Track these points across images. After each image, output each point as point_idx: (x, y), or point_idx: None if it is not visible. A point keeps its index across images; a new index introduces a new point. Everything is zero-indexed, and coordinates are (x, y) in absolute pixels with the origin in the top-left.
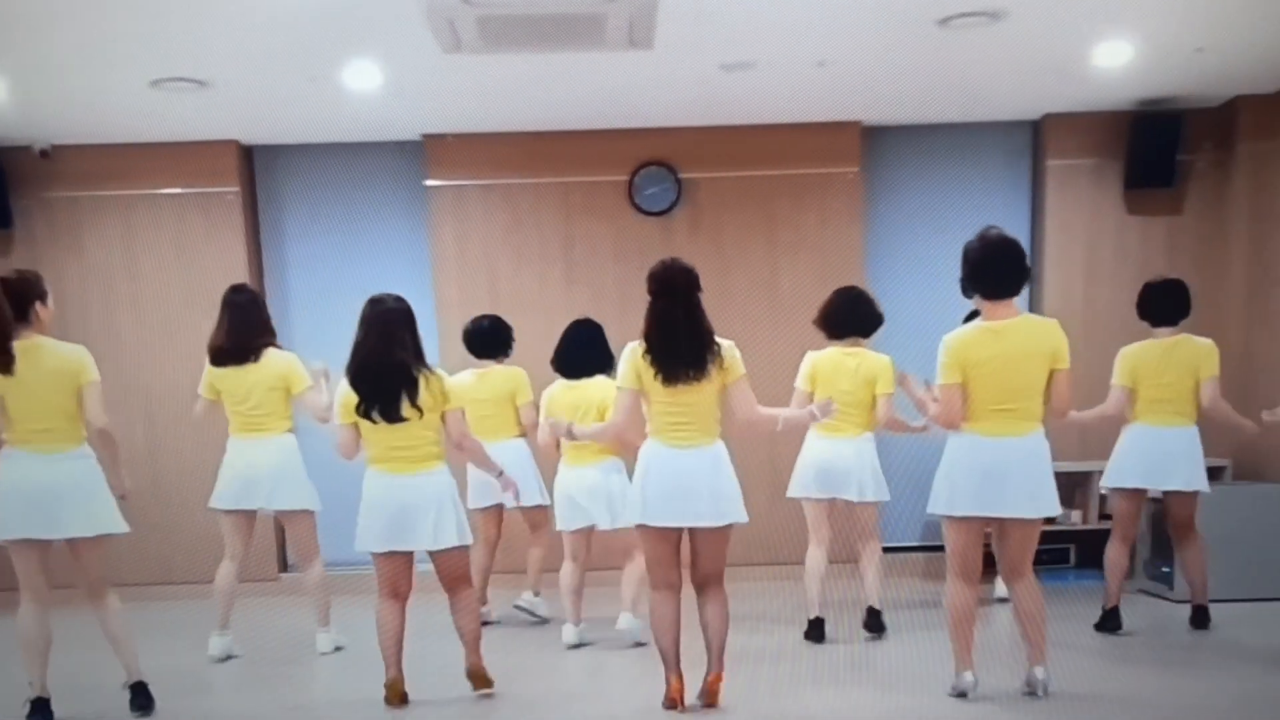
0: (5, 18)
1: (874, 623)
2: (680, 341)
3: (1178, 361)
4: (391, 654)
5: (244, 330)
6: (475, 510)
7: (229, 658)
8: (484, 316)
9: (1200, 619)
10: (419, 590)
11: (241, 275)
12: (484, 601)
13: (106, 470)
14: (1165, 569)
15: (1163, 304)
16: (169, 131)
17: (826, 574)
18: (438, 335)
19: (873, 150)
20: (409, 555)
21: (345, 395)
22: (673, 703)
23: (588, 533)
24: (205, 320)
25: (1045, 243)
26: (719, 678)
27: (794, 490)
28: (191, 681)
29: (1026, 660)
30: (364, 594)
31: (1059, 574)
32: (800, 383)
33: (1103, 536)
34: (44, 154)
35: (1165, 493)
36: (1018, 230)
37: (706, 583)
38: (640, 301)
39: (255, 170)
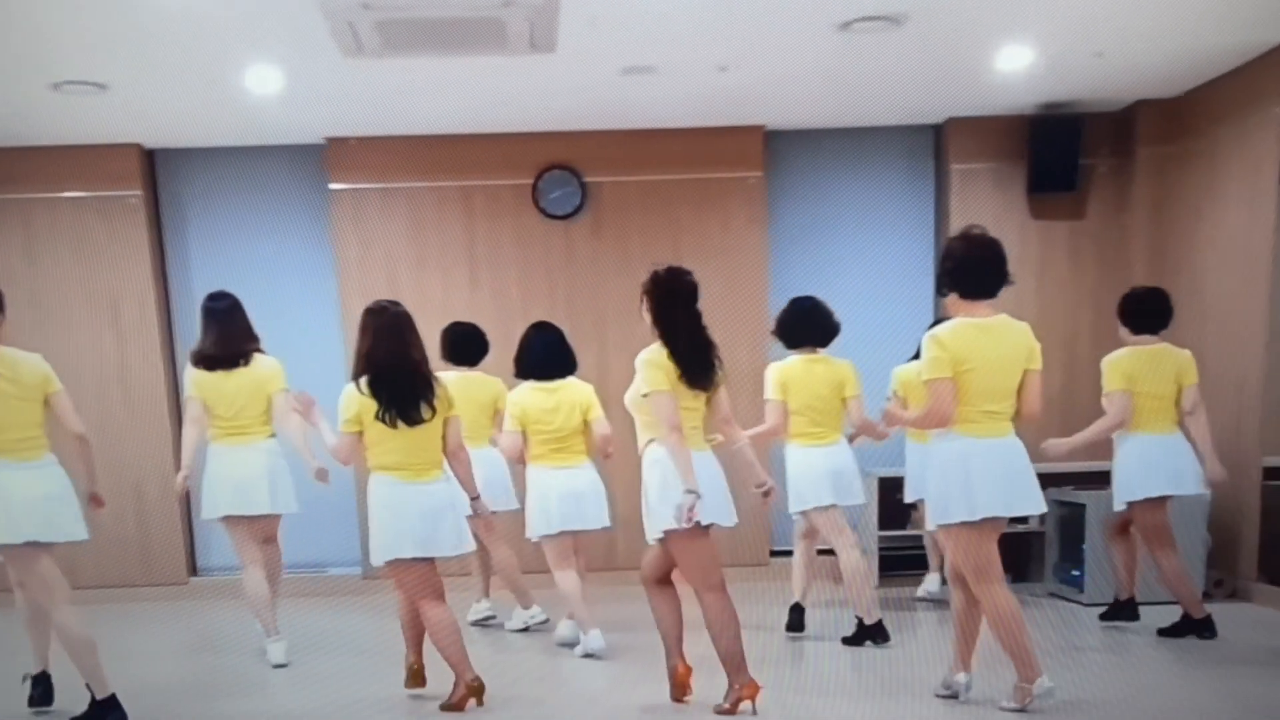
0: None
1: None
2: (704, 349)
3: (1164, 370)
4: (459, 657)
5: (231, 337)
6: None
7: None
8: (464, 322)
9: (1132, 612)
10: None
11: (146, 279)
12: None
13: (83, 476)
14: (1075, 572)
15: (1147, 312)
16: (70, 134)
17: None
18: (343, 339)
19: (776, 154)
20: (429, 561)
21: (356, 403)
22: (734, 706)
23: (572, 536)
24: (107, 324)
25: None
26: (689, 668)
27: (803, 504)
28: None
29: (952, 664)
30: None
31: None
32: (773, 393)
33: (1015, 540)
34: None
35: (1157, 499)
36: (922, 234)
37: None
38: (543, 305)
39: (158, 174)
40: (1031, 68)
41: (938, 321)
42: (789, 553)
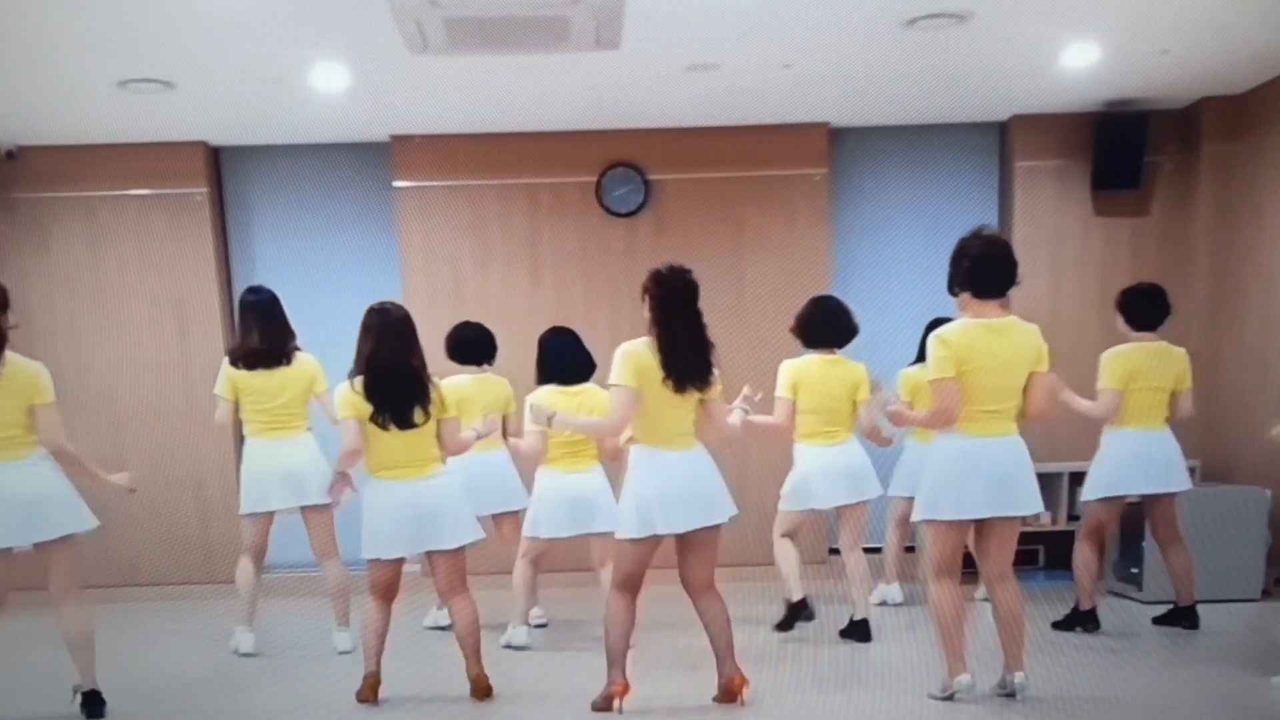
0: None
1: (862, 633)
2: (696, 348)
3: (1162, 367)
4: (374, 651)
5: (275, 332)
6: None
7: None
8: (472, 323)
9: (1192, 619)
10: (405, 591)
11: (210, 276)
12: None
13: (90, 481)
14: (1134, 570)
15: (1148, 308)
16: (136, 132)
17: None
18: None
19: (840, 151)
20: (403, 560)
21: (351, 395)
22: (608, 702)
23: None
24: (170, 321)
25: (1013, 243)
26: (744, 679)
27: (799, 503)
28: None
29: (1005, 663)
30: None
31: (1028, 575)
32: (783, 392)
33: (1071, 537)
34: (10, 155)
35: (1150, 496)
36: None
37: (710, 584)
38: (605, 303)
39: (223, 171)
40: (1097, 65)
41: (936, 322)
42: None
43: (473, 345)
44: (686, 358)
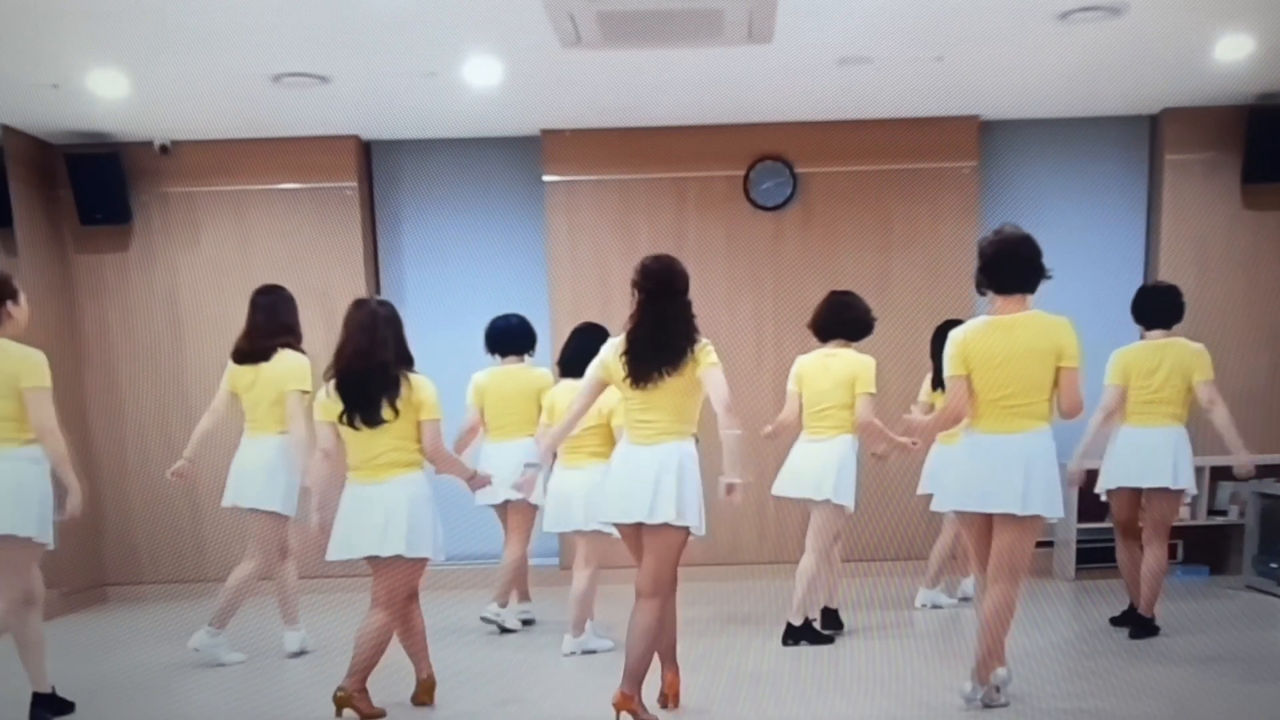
0: (129, 14)
1: (794, 637)
2: (661, 340)
3: (1167, 364)
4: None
5: (261, 331)
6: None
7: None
8: (508, 315)
9: (1145, 627)
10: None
11: (358, 270)
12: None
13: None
14: (1274, 565)
15: (1154, 308)
16: (288, 127)
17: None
18: (551, 331)
19: (990, 144)
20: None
21: (323, 400)
22: (664, 699)
23: (592, 536)
24: (317, 315)
25: (1161, 237)
26: (627, 698)
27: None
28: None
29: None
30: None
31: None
32: (790, 384)
33: (1214, 532)
34: (164, 150)
35: (1148, 491)
36: (1134, 224)
37: (644, 591)
38: (749, 297)
39: (373, 165)
40: (1249, 58)
41: (947, 324)
42: None
43: (497, 336)
44: (642, 352)
